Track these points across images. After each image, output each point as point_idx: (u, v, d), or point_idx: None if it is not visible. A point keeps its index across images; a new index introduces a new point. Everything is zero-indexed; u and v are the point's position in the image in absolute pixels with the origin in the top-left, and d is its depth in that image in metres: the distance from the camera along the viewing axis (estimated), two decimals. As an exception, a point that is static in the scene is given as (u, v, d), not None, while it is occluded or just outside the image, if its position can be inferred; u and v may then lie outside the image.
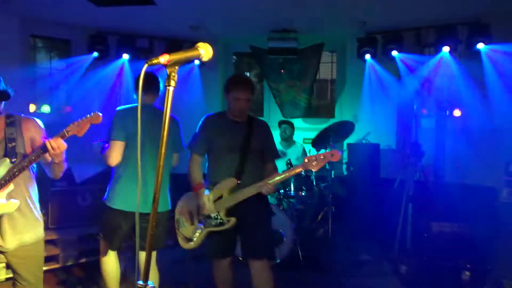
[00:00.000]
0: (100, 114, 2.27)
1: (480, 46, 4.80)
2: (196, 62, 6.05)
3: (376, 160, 5.40)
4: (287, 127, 5.61)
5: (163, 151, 1.14)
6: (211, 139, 2.90)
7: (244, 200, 2.73)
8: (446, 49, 4.95)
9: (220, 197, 2.76)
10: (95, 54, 5.55)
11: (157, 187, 1.18)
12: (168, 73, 1.18)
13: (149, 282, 1.11)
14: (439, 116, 5.11)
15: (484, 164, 4.71)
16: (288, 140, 5.63)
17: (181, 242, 2.88)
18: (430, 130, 5.22)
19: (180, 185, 3.34)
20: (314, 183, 4.84)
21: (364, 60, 5.63)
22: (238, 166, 2.82)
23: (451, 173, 5.14)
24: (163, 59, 1.16)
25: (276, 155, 3.07)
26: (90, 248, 4.20)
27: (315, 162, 2.55)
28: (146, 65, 1.14)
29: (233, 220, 2.75)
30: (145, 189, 2.77)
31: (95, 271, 3.80)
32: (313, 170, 2.59)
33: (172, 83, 1.17)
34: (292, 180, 4.61)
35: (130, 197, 2.76)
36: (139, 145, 1.18)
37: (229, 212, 2.77)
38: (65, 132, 2.24)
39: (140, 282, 1.10)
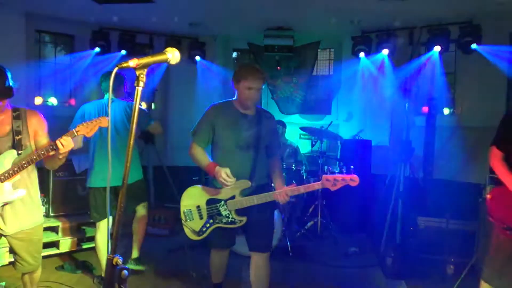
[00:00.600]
0: (107, 118, 2.47)
1: (473, 46, 4.90)
2: (198, 58, 6.19)
3: (367, 156, 5.52)
4: (279, 127, 5.72)
5: (131, 142, 1.31)
6: (218, 132, 2.80)
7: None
8: (437, 48, 5.05)
9: (233, 197, 2.73)
10: (97, 49, 5.71)
11: (125, 172, 1.34)
12: (137, 75, 1.31)
13: (116, 254, 1.29)
14: (429, 115, 5.21)
15: (470, 161, 4.83)
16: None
17: (188, 234, 2.84)
18: (421, 128, 5.33)
19: (182, 178, 3.52)
20: (305, 177, 4.98)
21: (359, 58, 5.73)
22: (249, 165, 2.75)
23: (439, 170, 5.25)
24: (133, 63, 1.30)
25: (279, 148, 3.05)
26: (89, 235, 4.42)
27: (334, 183, 2.63)
28: (116, 69, 1.29)
29: (244, 220, 2.76)
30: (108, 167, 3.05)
31: (93, 257, 3.99)
32: (331, 189, 2.67)
33: (141, 84, 1.31)
34: (284, 173, 4.75)
35: (94, 176, 3.50)
36: (109, 133, 1.36)
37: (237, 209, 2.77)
38: (75, 132, 2.40)
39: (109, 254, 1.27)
